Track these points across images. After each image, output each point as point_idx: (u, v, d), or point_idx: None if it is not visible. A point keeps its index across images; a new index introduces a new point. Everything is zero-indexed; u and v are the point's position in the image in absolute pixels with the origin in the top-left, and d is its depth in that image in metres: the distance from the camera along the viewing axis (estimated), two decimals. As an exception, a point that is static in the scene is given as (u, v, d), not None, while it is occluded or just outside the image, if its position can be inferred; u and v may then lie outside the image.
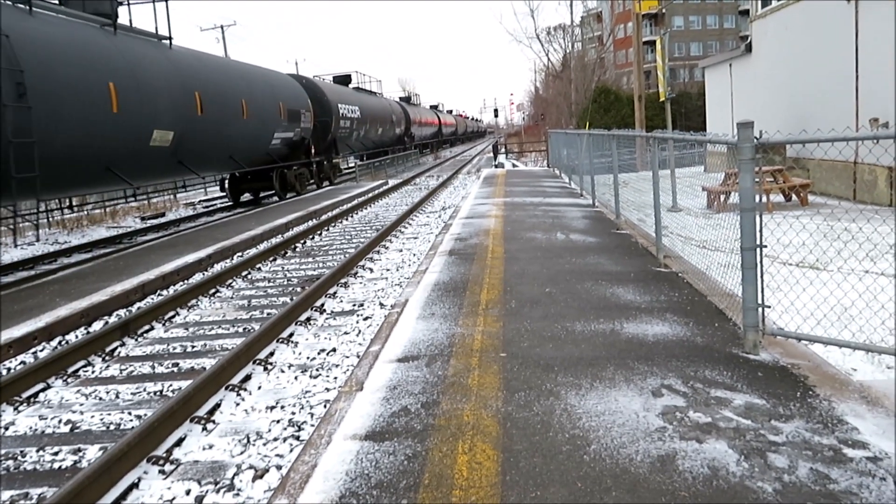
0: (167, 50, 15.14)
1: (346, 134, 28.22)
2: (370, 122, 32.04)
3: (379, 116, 34.52)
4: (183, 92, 14.79)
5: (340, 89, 29.60)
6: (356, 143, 31.00)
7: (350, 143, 30.00)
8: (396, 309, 6.40)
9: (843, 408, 3.66)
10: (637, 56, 23.66)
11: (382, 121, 35.28)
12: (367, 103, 32.25)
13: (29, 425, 5.04)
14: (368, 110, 31.95)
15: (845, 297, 4.87)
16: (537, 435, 3.54)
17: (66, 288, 8.98)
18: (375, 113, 33.71)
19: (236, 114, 17.51)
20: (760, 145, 4.35)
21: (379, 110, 35.19)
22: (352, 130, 28.91)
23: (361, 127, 30.37)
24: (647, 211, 8.91)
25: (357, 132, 29.89)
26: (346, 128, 28.02)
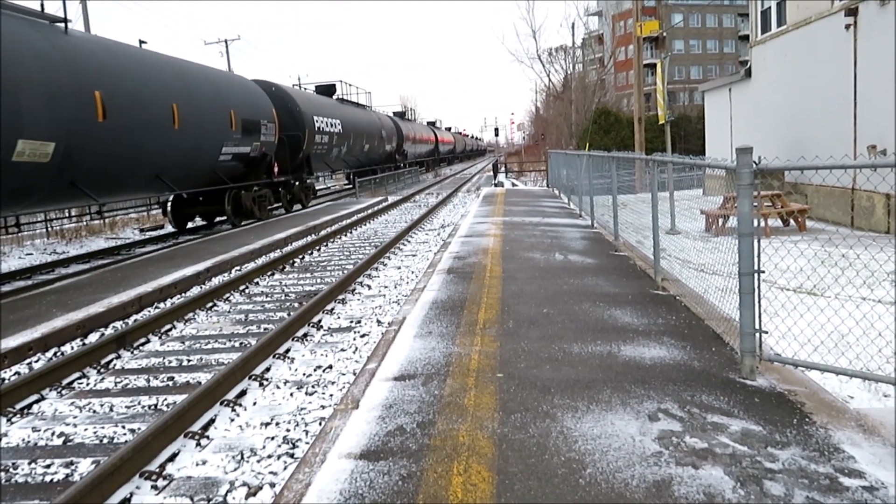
0: (59, 35, 11.71)
1: (322, 150, 25.09)
2: (355, 138, 29.24)
3: (366, 131, 31.72)
4: (75, 90, 11.35)
5: (318, 100, 26.43)
6: (337, 160, 28.23)
7: (329, 161, 27.05)
8: (394, 327, 6.39)
9: (840, 436, 3.65)
10: (637, 79, 23.84)
11: (370, 136, 32.41)
12: (351, 117, 29.44)
13: (22, 437, 5.01)
14: (353, 125, 29.25)
15: (842, 323, 4.88)
16: (533, 457, 3.53)
17: (64, 299, 8.96)
18: (362, 128, 30.97)
19: (163, 122, 13.99)
20: (759, 171, 4.38)
21: (366, 125, 32.32)
22: (331, 146, 25.82)
23: (343, 143, 27.46)
24: (646, 233, 8.93)
25: (338, 148, 26.98)
26: (324, 143, 24.90)
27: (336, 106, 28.05)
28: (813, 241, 8.76)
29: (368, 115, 34.21)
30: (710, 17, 76.30)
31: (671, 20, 62.64)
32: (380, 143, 34.73)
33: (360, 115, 31.69)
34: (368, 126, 32.56)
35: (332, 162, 27.54)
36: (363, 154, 32.01)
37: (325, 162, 26.53)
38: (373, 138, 33.00)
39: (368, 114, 34.59)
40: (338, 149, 26.95)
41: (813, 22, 14.59)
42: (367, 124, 32.58)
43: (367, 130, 31.90)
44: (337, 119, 26.55)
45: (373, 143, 32.97)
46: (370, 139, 32.52)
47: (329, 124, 25.32)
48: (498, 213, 16.43)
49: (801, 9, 15.21)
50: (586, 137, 35.36)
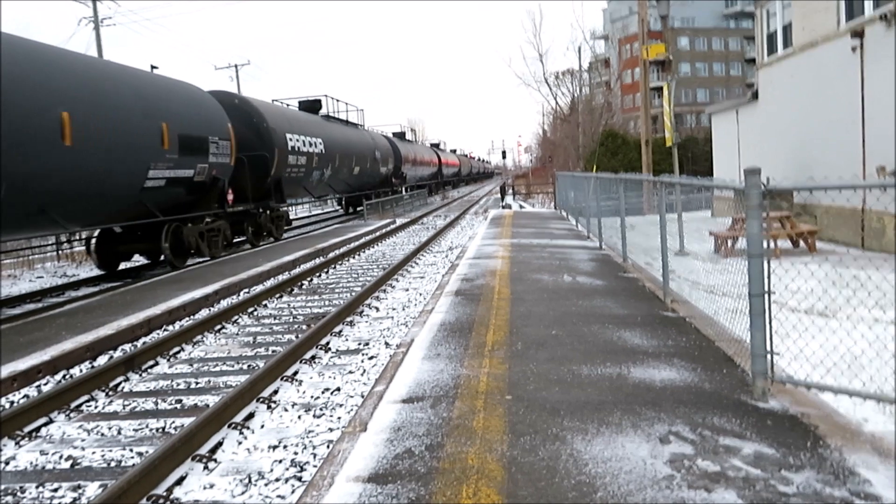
0: None
1: (299, 174, 21.65)
2: (342, 160, 25.92)
3: (356, 152, 28.40)
4: None
5: (295, 115, 22.97)
6: (320, 185, 24.60)
7: (309, 186, 23.33)
8: (402, 349, 6.37)
9: (855, 459, 3.60)
10: (644, 101, 23.94)
11: (361, 158, 29.08)
12: (338, 136, 26.03)
13: (30, 460, 5.00)
14: (340, 144, 25.91)
15: (855, 345, 4.83)
16: (543, 480, 3.49)
17: (73, 321, 8.99)
18: (351, 148, 27.64)
19: (45, 136, 10.45)
20: (768, 192, 4.37)
21: (356, 145, 28.96)
22: (310, 169, 22.41)
23: (327, 165, 23.98)
24: (655, 254, 8.91)
25: (320, 171, 23.57)
26: (300, 166, 21.56)
27: (318, 123, 24.57)
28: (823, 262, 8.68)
29: (360, 135, 30.87)
30: (717, 40, 76.69)
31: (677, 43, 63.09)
32: (373, 166, 31.49)
33: (349, 135, 28.50)
34: (359, 146, 29.41)
35: (314, 187, 23.98)
36: (353, 177, 28.70)
37: (304, 187, 22.92)
38: (364, 160, 29.81)
39: (360, 133, 31.31)
40: (319, 172, 23.46)
41: (819, 44, 14.65)
42: (358, 144, 29.35)
43: (357, 151, 28.66)
44: (318, 138, 23.00)
45: (364, 166, 29.62)
46: (361, 161, 29.20)
47: (308, 143, 21.87)
48: (506, 235, 16.43)
49: (807, 31, 15.29)
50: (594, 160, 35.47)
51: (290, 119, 21.68)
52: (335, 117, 28.51)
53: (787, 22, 16.55)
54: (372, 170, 31.37)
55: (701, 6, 72.40)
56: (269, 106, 20.89)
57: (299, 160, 21.29)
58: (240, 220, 18.31)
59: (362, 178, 30.10)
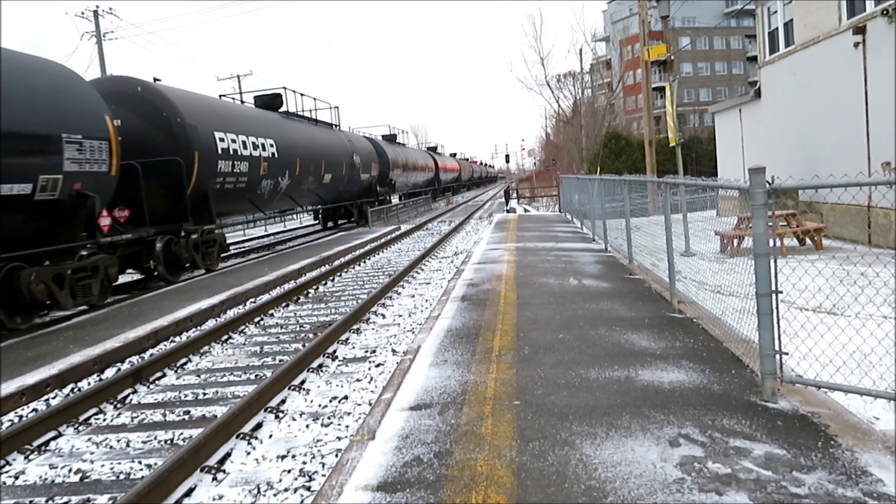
0: None
1: (238, 185, 16.43)
2: (305, 166, 20.73)
3: (326, 157, 23.06)
4: None
5: (228, 109, 17.35)
6: (273, 198, 19.33)
7: (257, 199, 18.12)
8: (409, 356, 6.36)
9: (867, 458, 3.57)
10: (647, 102, 23.92)
11: (333, 163, 23.82)
12: (299, 137, 20.97)
13: (39, 474, 5.00)
14: (303, 147, 20.81)
15: (864, 343, 4.79)
16: (552, 486, 3.47)
17: (80, 334, 9.01)
18: (318, 152, 22.31)
19: None
20: (773, 190, 4.35)
21: (328, 148, 23.56)
22: (255, 178, 17.32)
23: (282, 172, 19.04)
24: (660, 255, 8.88)
25: (272, 181, 18.48)
26: (239, 174, 16.34)
27: (270, 121, 19.46)
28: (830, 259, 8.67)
29: (332, 136, 25.34)
30: (718, 39, 76.63)
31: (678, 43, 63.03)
32: (351, 172, 26.43)
33: (317, 136, 23.10)
34: (331, 150, 24.06)
35: (264, 200, 18.88)
36: (323, 187, 23.34)
37: (251, 201, 17.91)
38: (338, 166, 24.61)
39: (333, 134, 25.75)
40: (272, 181, 18.47)
41: (821, 41, 14.61)
42: (330, 148, 23.99)
43: (328, 155, 23.35)
44: (269, 139, 18.20)
45: (338, 172, 24.64)
46: (334, 167, 23.95)
47: (252, 146, 16.98)
48: (511, 239, 16.42)
49: (808, 28, 15.25)
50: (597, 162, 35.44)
51: (223, 114, 16.35)
52: (299, 115, 23.42)
53: (789, 19, 16.52)
54: (350, 177, 26.34)
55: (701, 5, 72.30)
56: (187, 96, 15.45)
57: (238, 167, 16.21)
58: (139, 252, 13.39)
59: (336, 186, 25.04)
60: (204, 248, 15.16)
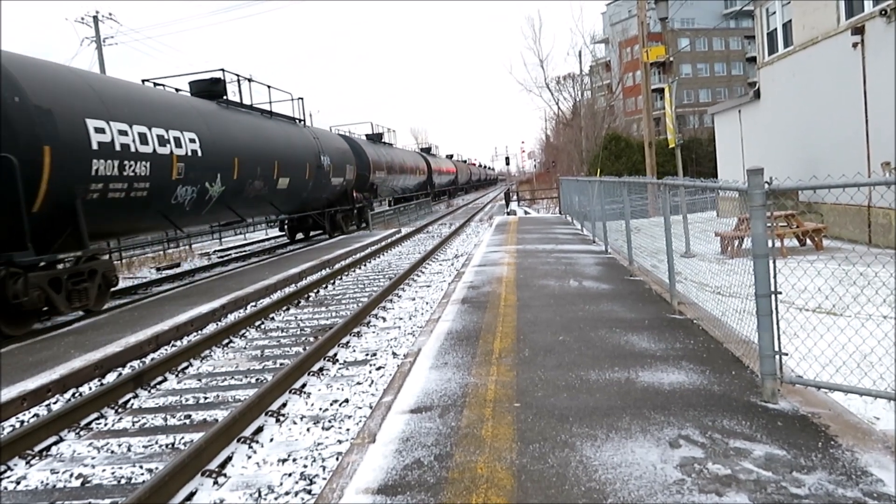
0: None
1: (134, 194, 12.12)
2: (248, 168, 16.86)
3: (282, 156, 19.15)
4: None
5: (121, 90, 12.69)
6: (198, 209, 14.93)
7: (170, 212, 13.75)
8: (409, 358, 6.36)
9: (867, 458, 3.57)
10: (646, 104, 23.94)
11: (291, 164, 19.87)
12: (238, 131, 16.93)
13: (40, 479, 5.01)
14: (244, 144, 16.83)
15: (864, 343, 4.79)
16: (553, 488, 3.47)
17: (81, 339, 9.02)
18: (270, 150, 18.44)
19: None
20: (771, 191, 4.36)
21: (284, 146, 19.65)
22: (163, 184, 12.96)
23: (212, 176, 14.90)
24: (661, 257, 8.88)
25: (194, 187, 14.24)
26: (134, 179, 11.96)
27: (196, 111, 15.18)
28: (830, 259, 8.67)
29: (292, 133, 20.99)
30: (717, 40, 76.69)
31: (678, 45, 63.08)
32: (318, 176, 22.12)
33: (268, 131, 18.98)
34: (289, 148, 19.96)
35: (184, 213, 14.35)
36: (277, 193, 19.30)
37: (162, 213, 13.51)
38: (300, 167, 20.59)
39: (295, 130, 21.54)
40: (194, 188, 14.18)
41: (820, 41, 14.62)
42: (287, 145, 19.84)
43: (283, 155, 19.30)
44: (189, 132, 14.01)
45: (300, 176, 20.64)
46: (293, 168, 19.97)
47: (156, 140, 12.66)
48: (511, 242, 16.42)
49: (807, 29, 15.27)
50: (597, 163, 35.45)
51: (108, 96, 11.80)
52: (247, 106, 19.17)
53: (787, 20, 16.54)
54: (317, 182, 22.20)
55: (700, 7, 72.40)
56: (42, 68, 10.89)
57: (132, 168, 11.81)
58: None
59: (299, 193, 21.08)
60: (72, 283, 10.71)
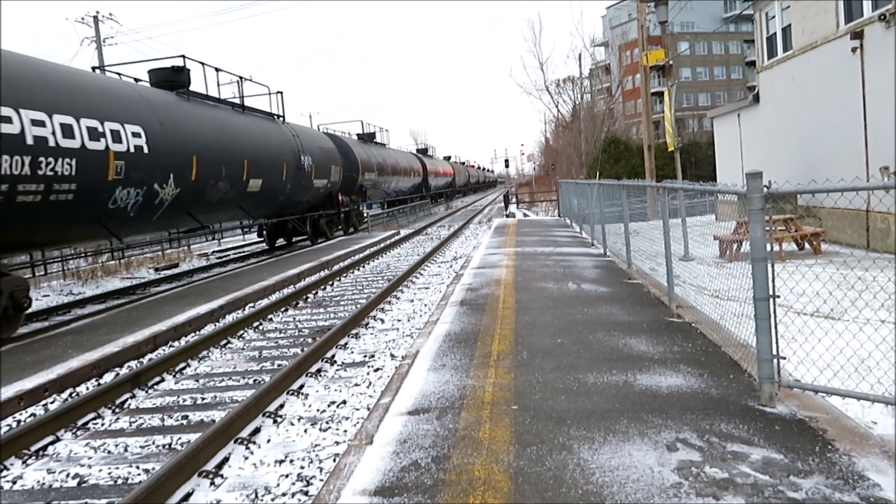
0: None
1: (55, 198, 10.22)
2: (210, 167, 14.87)
3: (253, 156, 17.13)
4: None
5: (37, 69, 10.61)
6: (147, 215, 13.08)
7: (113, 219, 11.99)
8: (407, 360, 6.36)
9: (864, 463, 3.57)
10: (646, 107, 23.95)
11: (264, 165, 17.90)
12: (198, 126, 14.85)
13: (37, 479, 5.00)
14: (204, 141, 14.82)
15: (862, 347, 4.79)
16: (550, 491, 3.47)
17: (79, 339, 9.01)
18: (238, 148, 16.47)
19: None
20: (770, 195, 4.36)
21: (253, 144, 17.44)
22: (104, 186, 11.32)
23: (163, 176, 12.99)
24: (659, 260, 8.88)
25: (142, 191, 12.38)
26: (54, 180, 10.09)
27: (145, 101, 13.16)
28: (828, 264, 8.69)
29: (267, 129, 19.12)
30: (717, 44, 76.76)
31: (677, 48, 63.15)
32: (297, 177, 20.35)
33: (237, 127, 17.01)
34: (261, 146, 18.01)
35: (128, 219, 12.48)
36: (248, 197, 17.39)
37: (99, 220, 11.70)
38: (274, 168, 18.75)
39: (272, 127, 19.74)
40: (139, 190, 12.32)
41: (819, 46, 14.65)
42: (259, 143, 17.93)
43: (255, 153, 17.37)
44: (133, 125, 12.16)
45: (274, 177, 18.75)
46: (267, 169, 18.12)
47: (85, 134, 10.85)
48: (510, 244, 16.42)
49: (806, 33, 15.29)
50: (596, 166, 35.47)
51: (13, 76, 9.78)
52: (213, 98, 17.15)
53: (787, 24, 16.56)
54: (296, 184, 20.35)
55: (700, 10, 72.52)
56: None
57: (51, 166, 10.01)
58: None
59: (275, 196, 19.27)
60: None
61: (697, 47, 74.55)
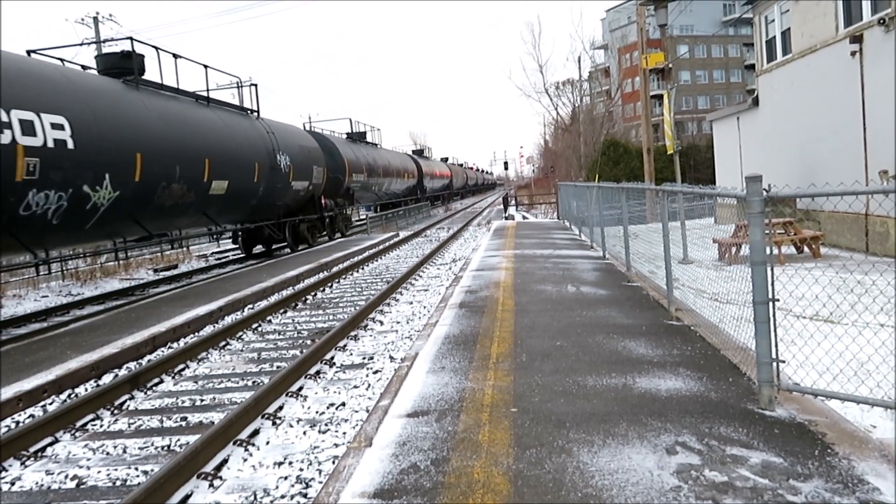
0: None
1: None
2: (159, 166, 13.10)
3: (215, 153, 15.41)
4: None
5: None
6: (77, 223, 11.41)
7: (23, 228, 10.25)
8: (406, 362, 6.36)
9: (864, 466, 3.57)
10: (645, 110, 23.98)
11: (234, 164, 16.35)
12: (145, 117, 12.96)
13: (35, 480, 4.99)
14: (151, 135, 12.96)
15: (861, 351, 4.80)
16: (549, 494, 3.47)
17: (78, 340, 9.00)
18: (197, 144, 14.70)
19: None
20: (769, 199, 4.37)
21: (217, 140, 15.74)
22: (9, 187, 9.57)
23: (92, 178, 11.26)
24: (658, 263, 8.89)
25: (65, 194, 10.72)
26: None
27: (70, 87, 11.26)
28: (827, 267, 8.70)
29: (236, 124, 17.28)
30: (716, 47, 76.90)
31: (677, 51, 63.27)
32: (272, 179, 18.67)
33: (200, 120, 15.23)
34: (228, 143, 16.25)
35: (49, 227, 10.82)
36: (210, 201, 15.51)
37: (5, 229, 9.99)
38: (244, 168, 16.94)
39: (243, 122, 18.01)
40: (63, 193, 10.69)
41: (818, 49, 14.67)
42: (226, 139, 16.17)
43: (219, 151, 15.60)
44: (55, 115, 10.47)
45: (243, 179, 16.94)
46: (234, 169, 16.29)
47: None
48: (509, 246, 16.43)
49: (805, 37, 15.32)
50: (596, 169, 35.49)
51: None
52: (170, 88, 15.21)
53: (786, 28, 16.59)
54: (270, 186, 18.63)
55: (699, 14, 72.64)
56: None
57: None
58: None
59: (245, 199, 17.52)
60: None
61: (697, 50, 74.67)
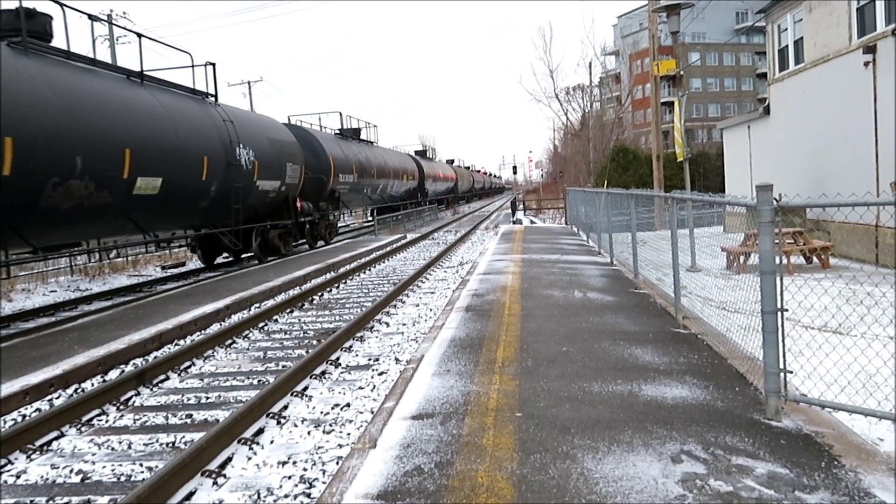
0: None
1: None
2: (53, 161, 9.97)
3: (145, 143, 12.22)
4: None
5: None
6: None
7: None
8: (412, 365, 6.35)
9: (871, 479, 3.54)
10: (655, 117, 23.93)
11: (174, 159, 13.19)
12: (35, 93, 9.88)
13: (40, 474, 5.01)
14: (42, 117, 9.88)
15: (869, 363, 4.77)
16: (553, 499, 3.46)
17: (85, 335, 9.04)
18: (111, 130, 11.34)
19: None
20: (780, 208, 4.35)
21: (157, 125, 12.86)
22: None
23: None
24: (666, 270, 8.86)
25: None
26: None
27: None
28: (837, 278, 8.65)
29: (181, 108, 14.23)
30: (728, 55, 76.71)
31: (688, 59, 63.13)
32: (228, 176, 15.47)
33: (122, 100, 12.07)
34: (166, 131, 13.13)
35: None
36: (134, 204, 12.31)
37: None
38: (189, 165, 13.91)
39: (190, 106, 14.81)
40: None
41: (831, 59, 14.61)
42: (162, 126, 13.02)
43: (147, 139, 12.39)
44: None
45: (188, 177, 13.93)
46: (173, 164, 13.19)
47: None
48: (516, 251, 16.41)
49: (818, 47, 15.26)
50: (604, 175, 35.42)
51: None
52: (86, 58, 12.34)
53: (799, 37, 16.53)
54: (226, 185, 15.50)
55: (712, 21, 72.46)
56: None
57: None
58: None
59: (191, 201, 14.53)
60: None
61: (708, 58, 74.48)
